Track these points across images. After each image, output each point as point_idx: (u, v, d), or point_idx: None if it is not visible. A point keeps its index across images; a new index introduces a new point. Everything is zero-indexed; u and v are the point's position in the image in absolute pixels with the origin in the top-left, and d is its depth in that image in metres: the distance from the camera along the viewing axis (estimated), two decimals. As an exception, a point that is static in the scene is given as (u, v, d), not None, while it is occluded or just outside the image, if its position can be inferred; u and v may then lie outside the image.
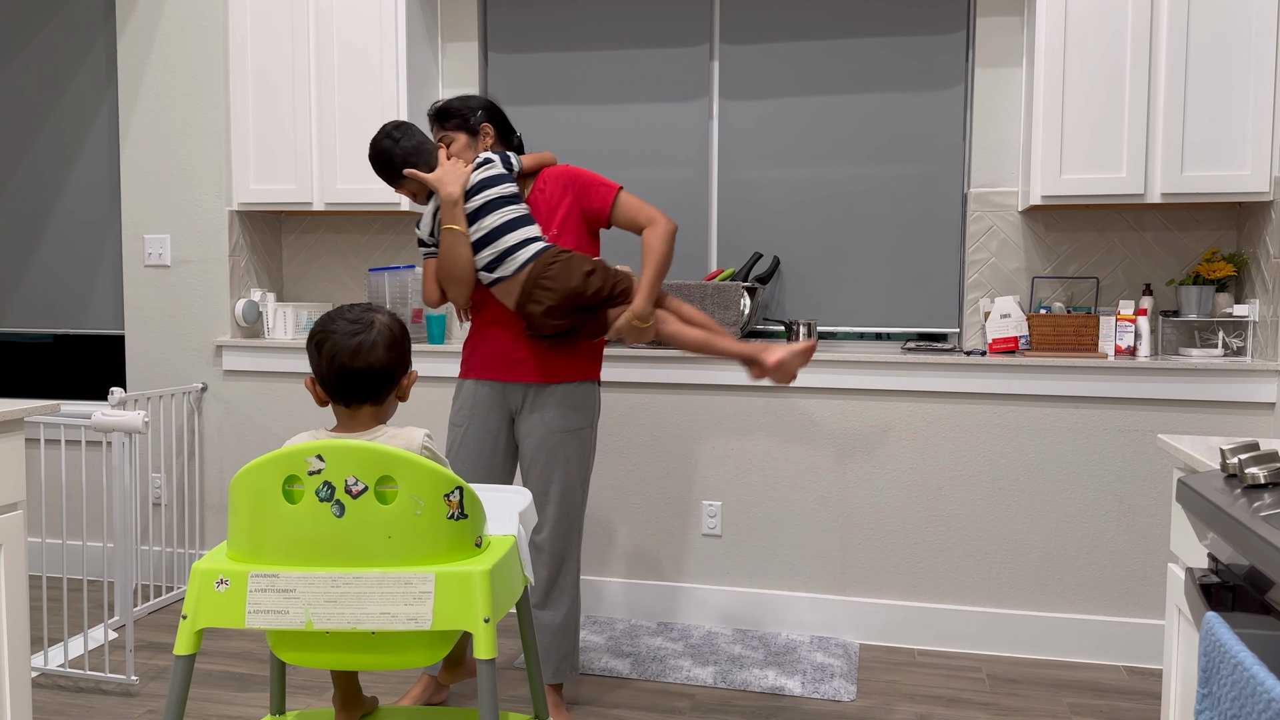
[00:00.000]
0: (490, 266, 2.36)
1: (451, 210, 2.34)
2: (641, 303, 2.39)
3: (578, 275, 2.32)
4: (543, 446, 2.44)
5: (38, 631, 3.23)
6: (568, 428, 2.45)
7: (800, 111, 3.40)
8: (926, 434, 3.08)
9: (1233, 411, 2.88)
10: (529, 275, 2.32)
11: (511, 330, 2.45)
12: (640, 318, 2.39)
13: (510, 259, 2.34)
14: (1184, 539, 1.73)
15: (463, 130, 2.47)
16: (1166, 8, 2.82)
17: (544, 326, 2.35)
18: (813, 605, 3.19)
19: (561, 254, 2.34)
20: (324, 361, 1.67)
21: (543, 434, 2.44)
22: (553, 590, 2.51)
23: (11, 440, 2.03)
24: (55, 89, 3.83)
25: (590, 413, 2.50)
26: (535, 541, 2.49)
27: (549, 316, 2.33)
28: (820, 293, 3.42)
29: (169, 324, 3.62)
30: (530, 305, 2.33)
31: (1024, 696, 2.77)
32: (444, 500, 1.54)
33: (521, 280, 2.33)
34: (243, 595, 1.52)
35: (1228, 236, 3.11)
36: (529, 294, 2.32)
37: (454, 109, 2.48)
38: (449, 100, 2.50)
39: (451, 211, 2.34)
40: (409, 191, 2.45)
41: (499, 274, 2.35)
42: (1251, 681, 1.00)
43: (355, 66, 3.37)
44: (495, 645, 1.52)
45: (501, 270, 2.35)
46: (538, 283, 2.31)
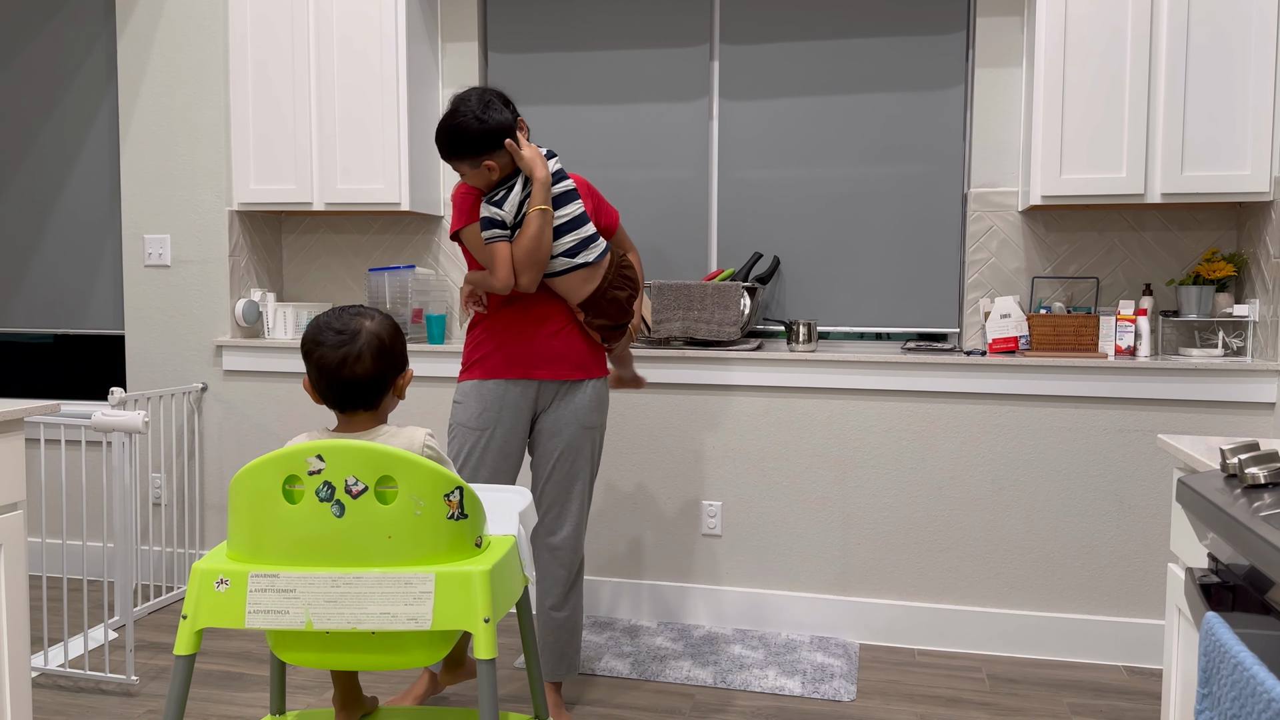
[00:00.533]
0: (572, 252, 2.35)
1: (545, 191, 2.28)
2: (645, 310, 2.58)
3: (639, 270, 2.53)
4: (572, 444, 2.46)
5: (38, 631, 3.23)
6: (595, 424, 2.49)
7: (800, 111, 3.40)
8: (926, 434, 3.08)
9: (1233, 411, 2.88)
10: (611, 262, 2.41)
11: (547, 327, 2.41)
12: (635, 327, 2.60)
13: (593, 245, 2.38)
14: (1184, 539, 1.73)
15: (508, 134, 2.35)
16: (1166, 8, 2.82)
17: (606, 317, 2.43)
18: (813, 605, 3.19)
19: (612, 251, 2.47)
20: (314, 371, 1.68)
21: (575, 430, 2.45)
22: (571, 590, 2.52)
23: (11, 440, 2.03)
24: (55, 89, 3.84)
25: (607, 409, 2.58)
26: (554, 542, 2.48)
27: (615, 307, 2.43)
28: (820, 293, 3.42)
29: (169, 324, 3.62)
30: (615, 291, 2.41)
31: (1024, 696, 2.77)
32: (444, 500, 1.54)
33: (604, 267, 2.40)
34: (243, 595, 1.52)
35: (1228, 236, 3.11)
36: (613, 280, 2.41)
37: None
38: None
39: (544, 193, 2.28)
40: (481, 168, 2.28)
41: (581, 259, 2.36)
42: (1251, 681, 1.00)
43: (355, 66, 3.37)
44: (495, 645, 1.52)
45: (584, 256, 2.36)
46: (620, 270, 2.42)
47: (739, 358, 3.17)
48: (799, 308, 3.44)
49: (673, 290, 3.23)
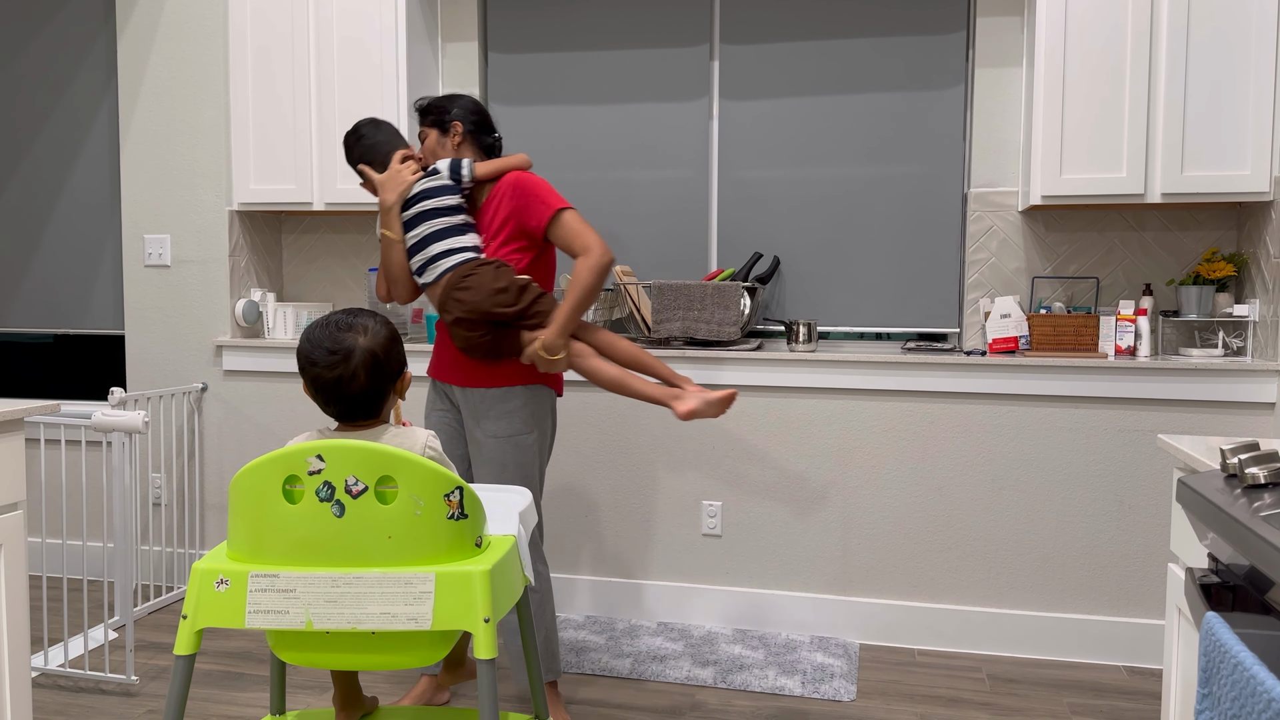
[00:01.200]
0: (419, 272, 2.40)
1: (385, 216, 2.38)
2: (550, 334, 2.31)
3: (486, 290, 2.28)
4: (480, 454, 2.41)
5: (38, 631, 3.23)
6: (498, 433, 2.39)
7: (800, 111, 3.40)
8: (926, 434, 3.08)
9: (1233, 411, 2.88)
10: (445, 284, 2.34)
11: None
12: (547, 349, 2.31)
13: (433, 266, 2.37)
14: (1184, 539, 1.73)
15: (435, 127, 2.47)
16: (1166, 7, 2.82)
17: (458, 338, 2.35)
18: (813, 605, 3.19)
19: (481, 266, 2.31)
20: (310, 388, 1.68)
21: (482, 440, 2.41)
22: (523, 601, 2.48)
23: (11, 440, 2.03)
24: (55, 89, 3.84)
25: (532, 419, 2.41)
26: None
27: (460, 327, 2.32)
28: (820, 293, 3.42)
29: (169, 324, 3.62)
30: (444, 315, 2.36)
31: (1024, 696, 2.77)
32: (444, 500, 1.54)
33: (440, 288, 2.36)
34: (243, 595, 1.52)
35: (1228, 236, 3.11)
36: (443, 304, 2.35)
37: (432, 106, 2.48)
38: (435, 97, 2.51)
39: (385, 217, 2.38)
40: (368, 188, 2.48)
41: (424, 280, 2.40)
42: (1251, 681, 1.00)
43: (355, 66, 3.37)
44: (495, 645, 1.52)
45: (426, 276, 2.39)
46: (451, 293, 2.32)
47: (739, 358, 3.17)
48: (799, 308, 3.44)
49: (673, 290, 3.23)
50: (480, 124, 2.49)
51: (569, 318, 2.33)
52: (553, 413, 2.49)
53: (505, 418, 2.39)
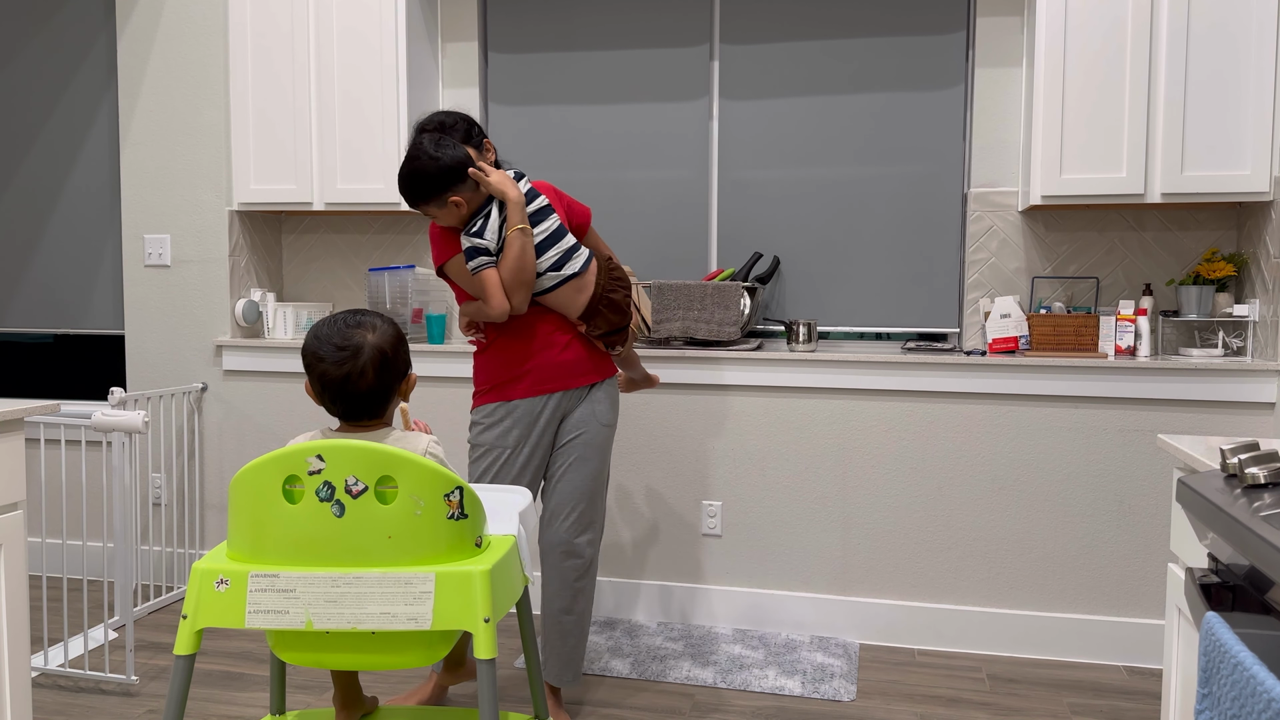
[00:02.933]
0: (558, 265, 2.37)
1: (520, 211, 2.28)
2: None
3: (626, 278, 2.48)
4: (591, 442, 2.48)
5: (38, 631, 3.23)
6: (610, 422, 2.53)
7: (800, 111, 3.40)
8: (926, 434, 3.08)
9: (1233, 411, 2.88)
10: (601, 267, 2.42)
11: (556, 341, 2.43)
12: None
13: (575, 255, 2.39)
14: (1184, 539, 1.73)
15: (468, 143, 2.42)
16: (1166, 7, 2.82)
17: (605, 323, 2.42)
18: (813, 605, 3.19)
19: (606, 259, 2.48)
20: (316, 383, 1.67)
21: (594, 429, 2.48)
22: (580, 594, 2.50)
23: (11, 440, 2.03)
24: (55, 89, 3.84)
25: (618, 409, 2.62)
26: (576, 544, 2.46)
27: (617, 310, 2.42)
28: (820, 293, 3.42)
29: (169, 324, 3.62)
30: (612, 294, 2.41)
31: (1024, 696, 2.77)
32: (444, 500, 1.54)
33: (593, 273, 2.41)
34: (243, 595, 1.52)
35: (1228, 236, 3.11)
36: (608, 285, 2.42)
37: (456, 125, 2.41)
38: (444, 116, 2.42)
39: (520, 213, 2.28)
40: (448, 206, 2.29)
41: (567, 271, 2.37)
42: (1251, 681, 1.00)
43: (355, 66, 3.37)
44: (495, 645, 1.52)
45: (569, 267, 2.37)
46: (610, 273, 2.43)
47: (739, 358, 3.17)
48: (799, 308, 3.44)
49: (673, 290, 3.23)
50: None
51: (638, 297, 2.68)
52: None
53: (615, 406, 2.55)
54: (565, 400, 2.46)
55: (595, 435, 2.48)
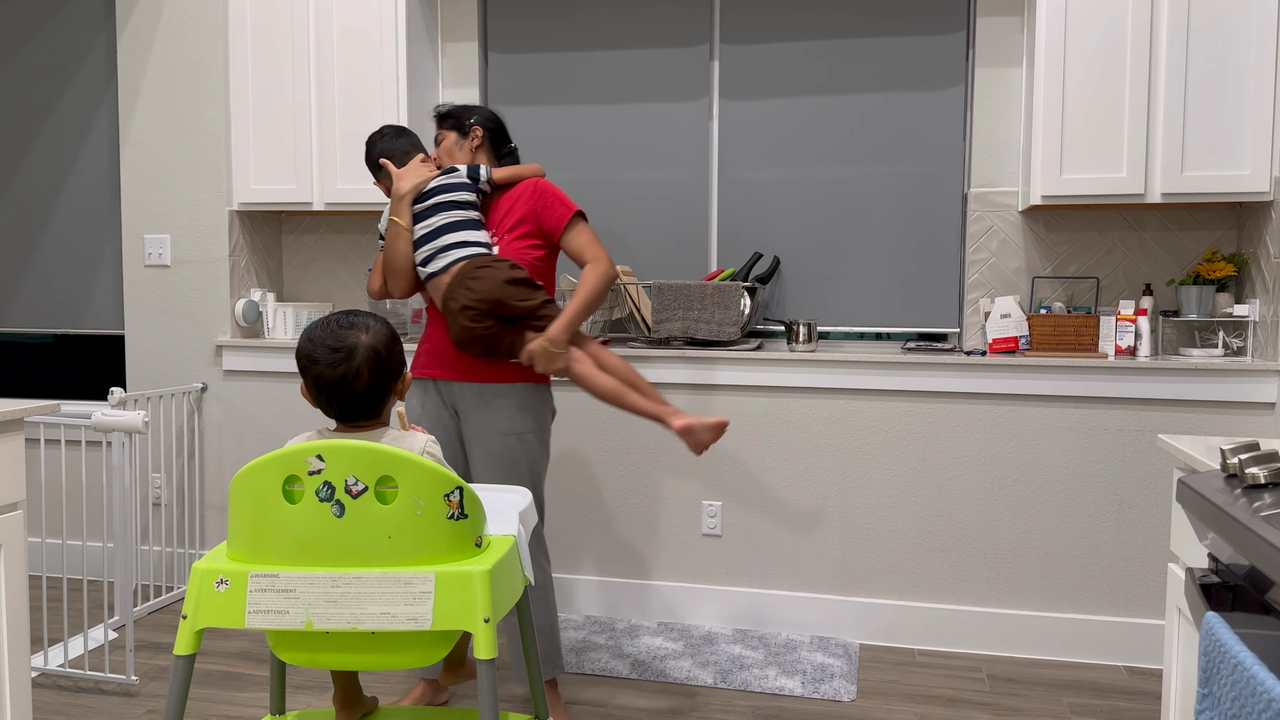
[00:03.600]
0: (425, 262, 2.40)
1: (397, 204, 2.41)
2: (557, 329, 2.34)
3: (500, 281, 2.31)
4: (493, 452, 2.40)
5: (38, 631, 3.23)
6: (514, 429, 2.40)
7: (800, 111, 3.40)
8: (926, 434, 3.08)
9: (1233, 411, 2.88)
10: (457, 273, 2.34)
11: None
12: (553, 342, 2.33)
13: (443, 255, 2.37)
14: (1184, 539, 1.73)
15: (455, 129, 2.53)
16: (1167, 7, 2.82)
17: (456, 329, 2.33)
18: (813, 605, 3.19)
19: (496, 261, 2.34)
20: (310, 385, 1.67)
21: (492, 438, 2.40)
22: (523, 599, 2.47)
23: (11, 440, 2.03)
24: (55, 89, 3.84)
25: (539, 416, 2.45)
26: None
27: (464, 316, 2.31)
28: (820, 293, 3.42)
29: (169, 324, 3.62)
30: (450, 302, 2.33)
31: (1024, 696, 2.77)
32: (444, 500, 1.54)
33: (450, 275, 2.36)
34: (243, 595, 1.52)
35: (1228, 236, 3.11)
36: (452, 291, 2.33)
37: (452, 111, 2.56)
38: (455, 105, 2.58)
39: (397, 206, 2.41)
40: (383, 187, 2.53)
41: (430, 269, 2.39)
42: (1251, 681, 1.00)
43: (355, 66, 3.37)
44: (495, 645, 1.52)
45: (433, 265, 2.38)
46: (462, 281, 2.32)
47: (739, 358, 3.17)
48: (799, 308, 3.44)
49: (673, 290, 3.23)
50: (498, 133, 2.57)
51: (575, 316, 2.37)
52: (552, 409, 2.52)
53: (515, 413, 2.40)
54: (449, 392, 2.44)
55: (496, 444, 2.39)
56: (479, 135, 2.52)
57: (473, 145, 2.52)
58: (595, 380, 2.41)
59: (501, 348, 2.36)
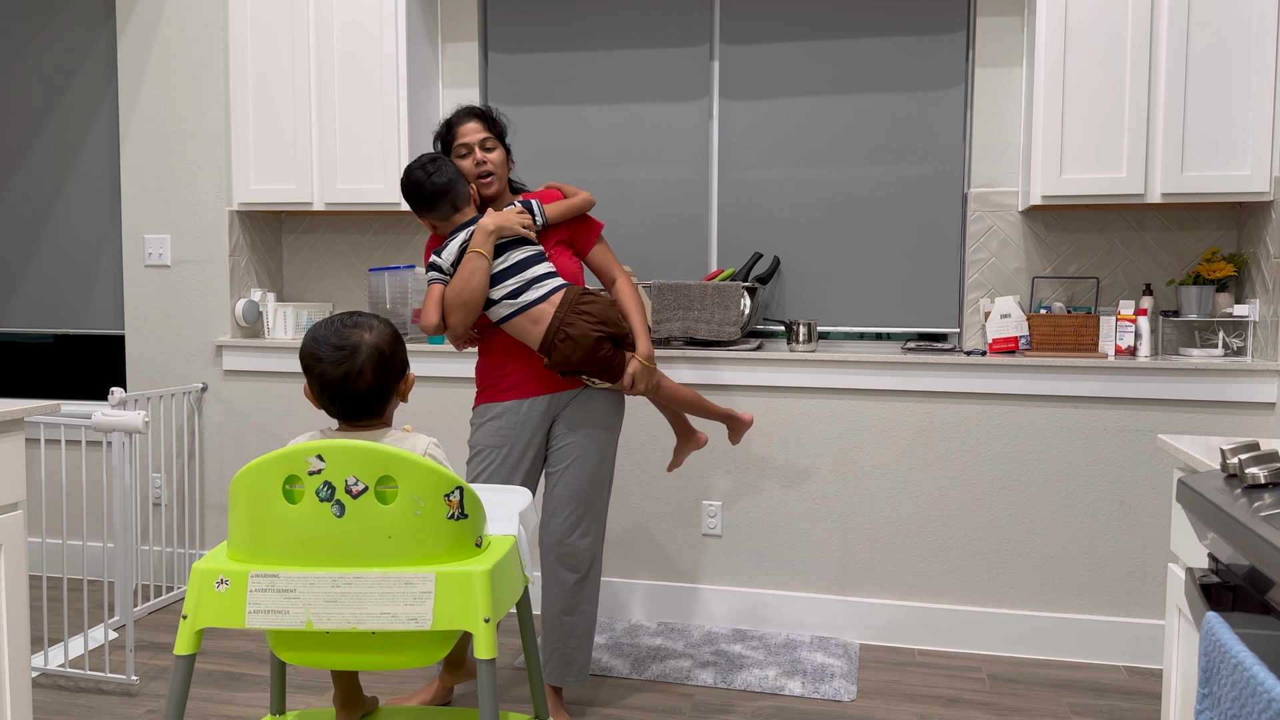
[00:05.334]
0: (514, 294, 2.38)
1: (486, 240, 2.36)
2: (647, 347, 2.48)
3: (607, 305, 2.41)
4: (585, 444, 2.48)
5: (38, 631, 3.23)
6: (607, 424, 2.51)
7: (800, 111, 3.40)
8: (926, 434, 3.08)
9: (1233, 411, 2.88)
10: (563, 302, 2.37)
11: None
12: (649, 359, 2.47)
13: (537, 286, 2.39)
14: (1184, 539, 1.73)
15: (502, 144, 2.54)
16: (1167, 8, 2.82)
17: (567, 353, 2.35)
18: (813, 605, 3.19)
19: (587, 290, 2.43)
20: (315, 384, 1.67)
21: (588, 430, 2.48)
22: (579, 595, 2.50)
23: (11, 440, 2.03)
24: (55, 89, 3.84)
25: (622, 415, 2.58)
26: (572, 545, 2.47)
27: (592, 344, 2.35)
28: (820, 293, 3.42)
29: (169, 324, 3.62)
30: (568, 329, 2.35)
31: (1024, 696, 2.77)
32: (444, 500, 1.54)
33: (555, 304, 2.37)
34: (243, 595, 1.52)
35: (1228, 236, 3.11)
36: (568, 320, 2.35)
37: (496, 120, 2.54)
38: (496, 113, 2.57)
39: (485, 241, 2.36)
40: (431, 223, 2.47)
41: (525, 299, 2.38)
42: (1251, 681, 1.00)
43: (355, 66, 3.37)
44: (495, 645, 1.52)
45: (527, 295, 2.38)
46: (576, 308, 2.37)
47: (739, 358, 3.17)
48: (799, 308, 3.44)
49: (673, 290, 3.23)
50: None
51: (647, 330, 2.51)
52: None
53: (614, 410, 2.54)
54: (554, 403, 2.48)
55: (589, 437, 2.48)
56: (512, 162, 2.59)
57: (509, 168, 2.58)
58: (678, 391, 2.61)
59: (615, 368, 2.43)
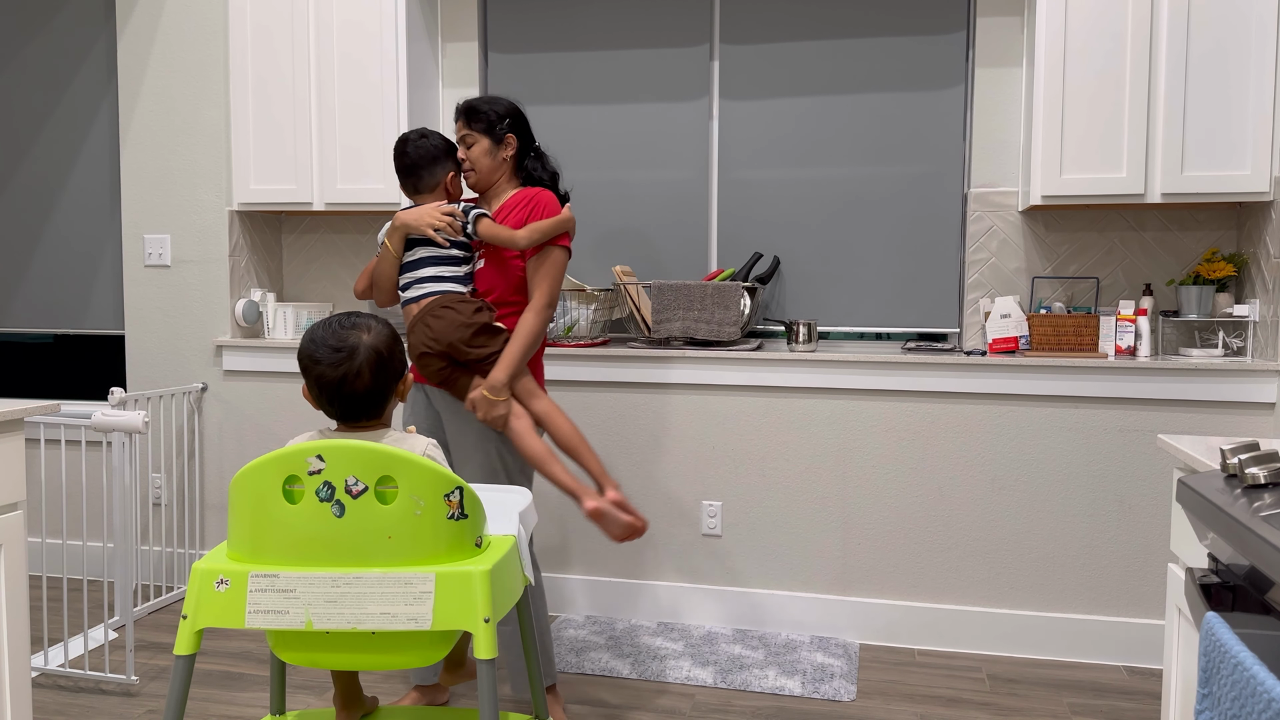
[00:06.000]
0: (403, 288, 2.45)
1: (394, 232, 2.41)
2: (495, 377, 2.31)
3: (459, 324, 2.30)
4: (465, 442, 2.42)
5: (38, 631, 3.23)
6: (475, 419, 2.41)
7: (800, 111, 3.40)
8: (926, 434, 3.08)
9: (1233, 411, 2.88)
10: (421, 309, 2.38)
11: None
12: (492, 390, 2.31)
13: (418, 286, 2.41)
14: (1184, 539, 1.73)
15: (487, 135, 2.43)
16: (1167, 7, 2.82)
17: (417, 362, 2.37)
18: (813, 605, 3.19)
19: (462, 302, 2.34)
20: (313, 386, 1.68)
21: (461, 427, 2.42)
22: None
23: (11, 440, 2.03)
24: (55, 89, 3.83)
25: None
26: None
27: (416, 357, 2.36)
28: (820, 293, 3.42)
29: (169, 324, 3.62)
30: (410, 336, 2.39)
31: (1024, 696, 2.77)
32: (444, 500, 1.54)
33: (420, 306, 2.39)
34: (243, 595, 1.52)
35: (1228, 236, 3.11)
36: (412, 327, 2.39)
37: (481, 110, 2.44)
38: (477, 100, 2.46)
39: (393, 233, 2.42)
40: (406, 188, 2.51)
41: (406, 296, 2.44)
42: (1251, 681, 1.00)
43: (355, 66, 3.37)
44: (495, 645, 1.52)
45: (408, 293, 2.43)
46: (423, 319, 2.35)
47: (739, 358, 3.17)
48: (799, 308, 3.44)
49: (673, 290, 3.23)
50: (528, 132, 2.50)
51: (515, 362, 2.33)
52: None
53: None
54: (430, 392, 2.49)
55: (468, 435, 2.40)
56: (513, 144, 2.46)
57: (505, 155, 2.45)
58: (523, 441, 2.36)
59: (455, 390, 2.38)
